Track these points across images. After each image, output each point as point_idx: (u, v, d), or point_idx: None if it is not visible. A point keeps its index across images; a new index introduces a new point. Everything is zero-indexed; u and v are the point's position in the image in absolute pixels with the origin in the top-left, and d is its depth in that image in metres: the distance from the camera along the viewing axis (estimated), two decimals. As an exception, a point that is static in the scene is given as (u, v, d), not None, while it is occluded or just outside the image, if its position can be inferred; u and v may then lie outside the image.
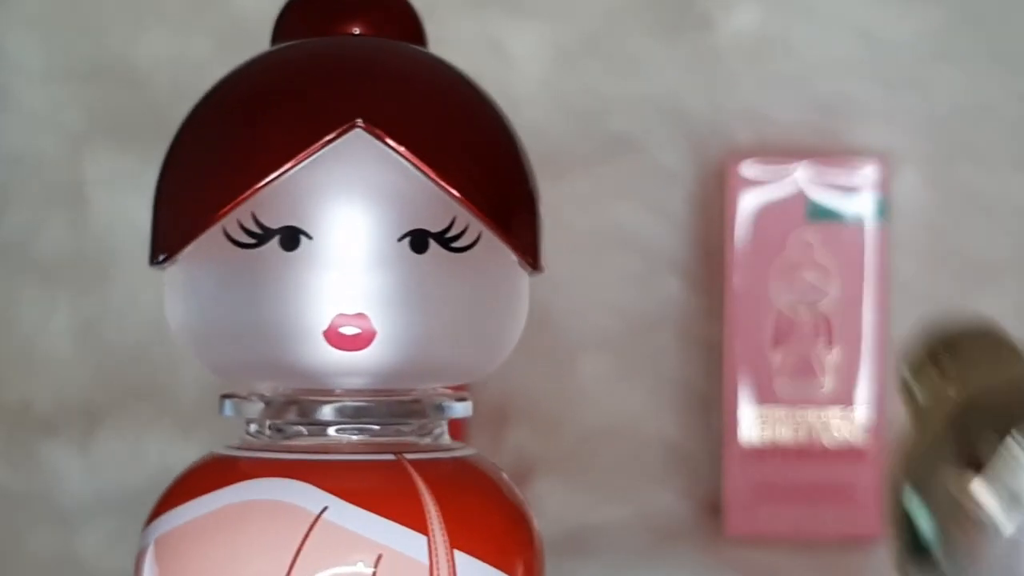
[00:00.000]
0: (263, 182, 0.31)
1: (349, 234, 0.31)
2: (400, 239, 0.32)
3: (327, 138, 0.31)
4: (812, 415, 0.70)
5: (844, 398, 0.70)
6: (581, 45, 0.74)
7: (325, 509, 0.30)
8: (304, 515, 0.30)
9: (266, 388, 0.33)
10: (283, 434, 0.33)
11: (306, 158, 0.31)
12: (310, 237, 0.31)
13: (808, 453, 0.70)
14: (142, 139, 0.76)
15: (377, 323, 0.31)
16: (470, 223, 0.32)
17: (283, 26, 0.37)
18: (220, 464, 0.32)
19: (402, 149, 0.31)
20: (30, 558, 0.69)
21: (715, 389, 0.73)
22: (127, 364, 0.77)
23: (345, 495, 0.30)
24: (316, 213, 0.31)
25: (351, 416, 0.32)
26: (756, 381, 0.70)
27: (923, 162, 0.74)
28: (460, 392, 0.34)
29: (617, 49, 0.74)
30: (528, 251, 0.34)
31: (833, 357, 0.70)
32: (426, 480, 0.31)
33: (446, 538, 0.30)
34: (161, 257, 0.33)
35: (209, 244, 0.32)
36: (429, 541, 0.29)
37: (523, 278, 0.35)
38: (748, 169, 0.70)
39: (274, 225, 0.32)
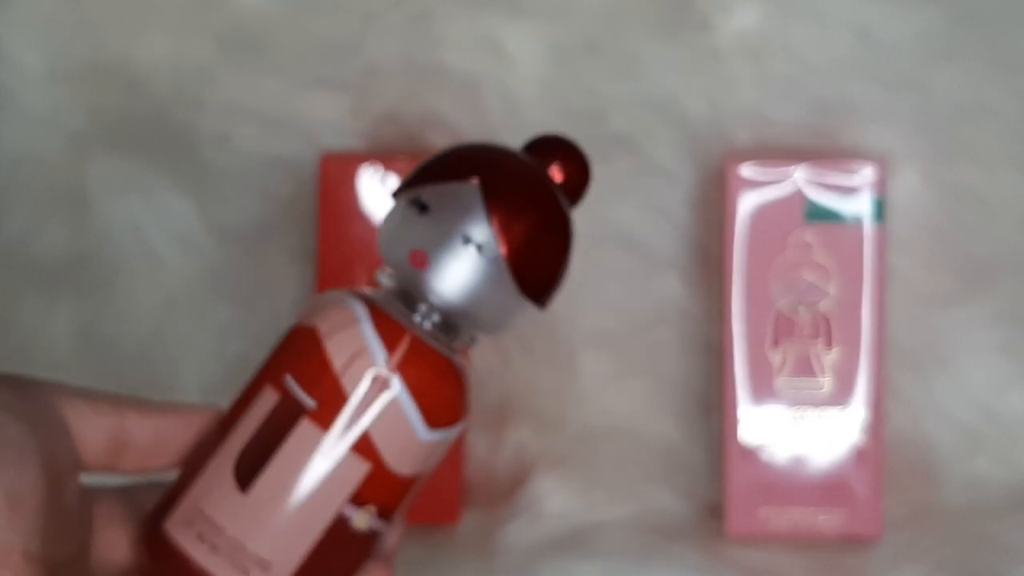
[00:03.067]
0: None
1: None
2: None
3: None
4: (811, 415, 0.70)
5: (843, 398, 0.70)
6: (580, 46, 0.74)
7: (361, 319, 0.47)
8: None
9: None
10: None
11: None
12: None
13: (807, 453, 0.70)
14: (143, 141, 0.76)
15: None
16: None
17: None
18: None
19: None
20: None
21: (715, 389, 0.74)
22: (128, 366, 0.77)
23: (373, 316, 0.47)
24: None
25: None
26: (755, 381, 0.70)
27: (921, 162, 0.74)
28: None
29: (616, 50, 0.74)
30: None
31: (832, 357, 0.70)
32: (409, 345, 0.47)
33: (395, 365, 0.47)
34: None
35: None
36: (387, 359, 0.47)
37: None
38: (747, 170, 0.70)
39: None
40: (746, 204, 0.70)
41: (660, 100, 0.74)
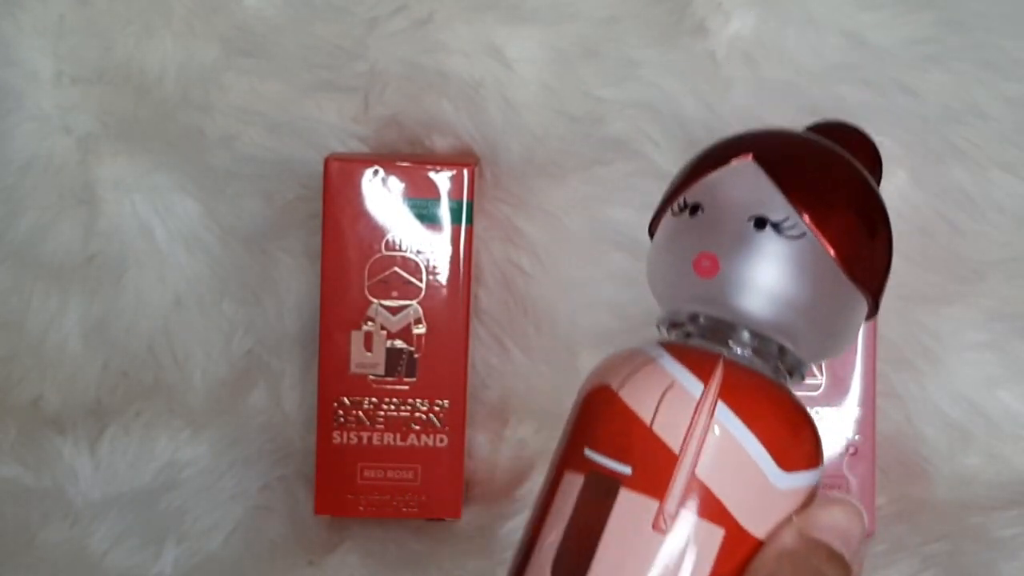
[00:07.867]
0: None
1: None
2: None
3: None
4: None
5: (837, 396, 0.70)
6: (579, 50, 0.75)
7: (659, 356, 0.39)
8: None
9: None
10: None
11: None
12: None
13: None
14: (150, 143, 0.77)
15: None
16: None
17: None
18: None
19: None
20: (41, 552, 0.69)
21: (711, 387, 0.74)
22: (136, 364, 0.78)
23: (672, 352, 0.39)
24: None
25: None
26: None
27: (914, 164, 0.74)
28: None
29: (615, 54, 0.75)
30: None
31: (827, 356, 0.70)
32: (726, 368, 0.38)
33: (716, 392, 0.37)
34: None
35: None
36: (704, 390, 0.37)
37: None
38: (743, 172, 0.70)
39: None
40: (741, 205, 0.70)
41: (657, 103, 0.75)
